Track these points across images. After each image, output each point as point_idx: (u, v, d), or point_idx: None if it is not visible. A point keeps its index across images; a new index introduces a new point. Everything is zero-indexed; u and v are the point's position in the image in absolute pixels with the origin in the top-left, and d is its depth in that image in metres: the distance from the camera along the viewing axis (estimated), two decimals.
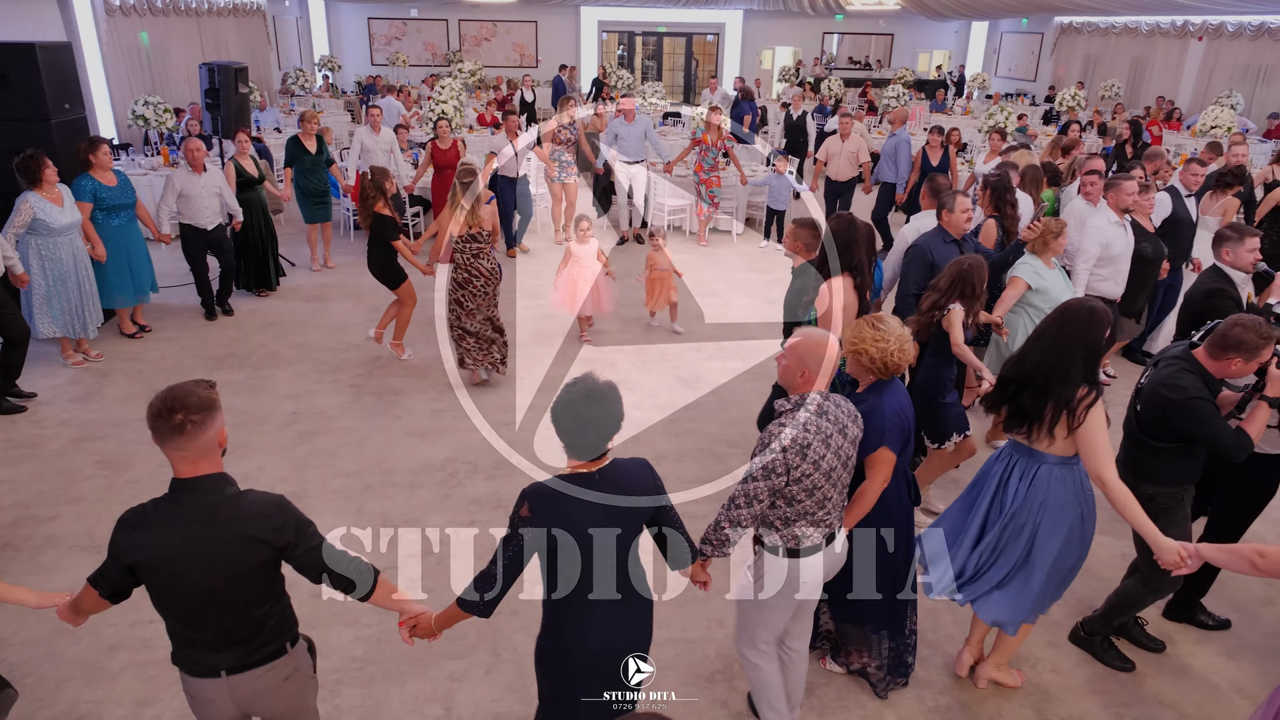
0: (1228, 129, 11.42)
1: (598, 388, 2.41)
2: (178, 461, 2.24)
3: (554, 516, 2.38)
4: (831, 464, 2.80)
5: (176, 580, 2.23)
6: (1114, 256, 5.67)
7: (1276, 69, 16.32)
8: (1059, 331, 3.14)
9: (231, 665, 2.35)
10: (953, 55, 25.90)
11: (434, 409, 6.06)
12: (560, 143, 9.62)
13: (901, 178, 9.74)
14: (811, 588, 2.97)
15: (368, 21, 23.16)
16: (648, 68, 25.62)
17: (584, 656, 2.52)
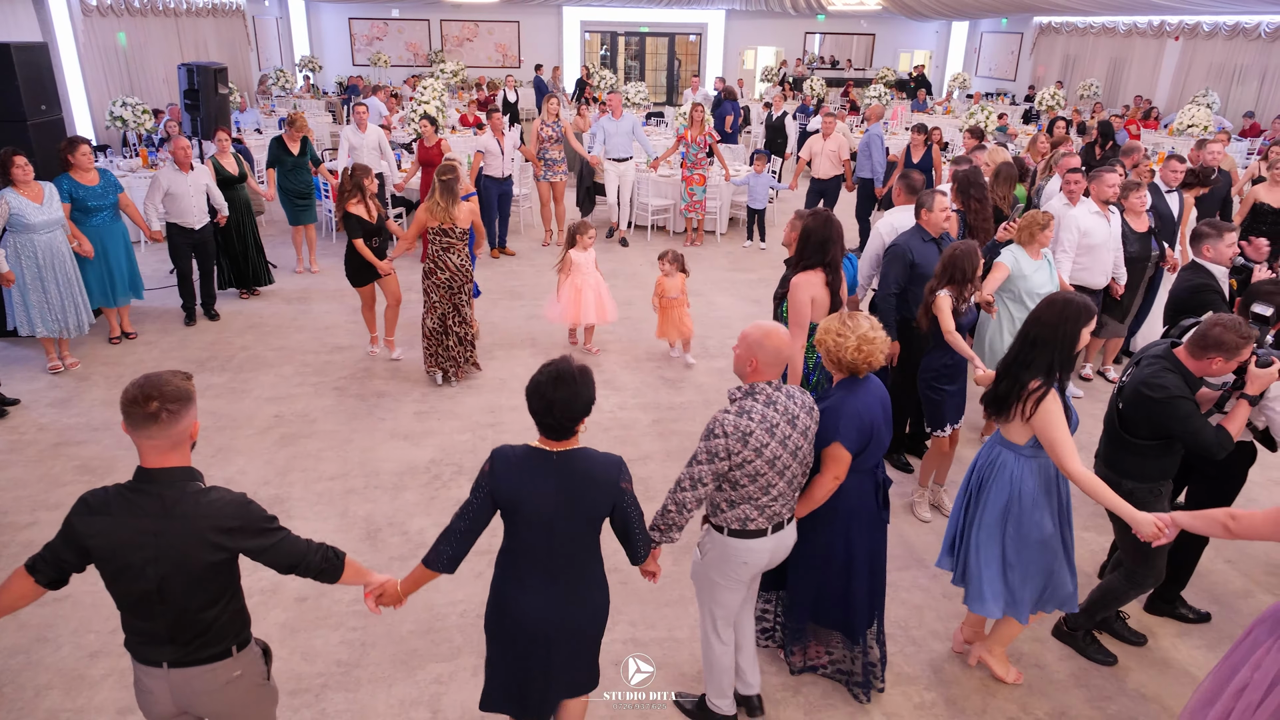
0: (1204, 127, 11.55)
1: (567, 371, 2.49)
2: (147, 450, 2.20)
3: (511, 481, 2.52)
4: (776, 452, 2.85)
5: (125, 572, 2.20)
6: (1093, 246, 5.75)
7: (1251, 68, 16.53)
8: (1033, 320, 3.24)
9: (173, 659, 2.31)
10: (933, 55, 26.07)
11: (418, 411, 6.03)
12: (545, 141, 9.60)
13: (877, 173, 9.84)
14: (753, 570, 3.08)
15: (349, 22, 23.05)
16: (631, 68, 25.63)
17: (507, 619, 2.65)
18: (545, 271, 9.29)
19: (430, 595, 4.12)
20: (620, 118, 9.87)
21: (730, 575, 3.06)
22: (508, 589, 2.64)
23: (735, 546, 2.99)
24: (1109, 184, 5.80)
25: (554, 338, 7.42)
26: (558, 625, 2.64)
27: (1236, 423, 3.26)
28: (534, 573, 2.60)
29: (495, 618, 2.69)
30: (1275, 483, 5.37)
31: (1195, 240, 4.76)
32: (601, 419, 5.97)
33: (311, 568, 2.42)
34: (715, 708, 3.37)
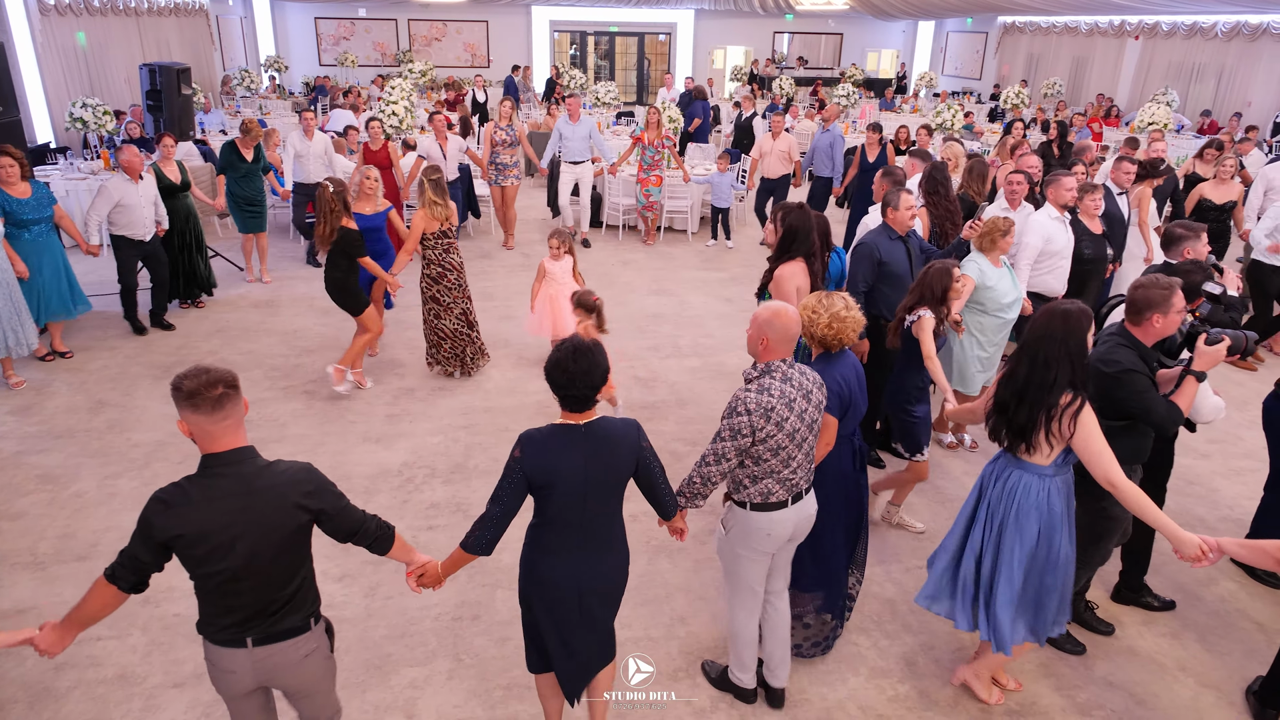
0: (1164, 125, 11.77)
1: (583, 344, 2.65)
2: (218, 434, 2.30)
3: (543, 460, 2.63)
4: (795, 426, 3.02)
5: (216, 553, 2.29)
6: (1055, 252, 5.68)
7: (1208, 67, 16.88)
8: (1038, 339, 3.08)
9: (258, 637, 2.43)
10: (900, 54, 26.32)
11: (389, 414, 5.98)
12: (498, 144, 9.50)
13: (837, 172, 10.01)
14: (777, 541, 3.21)
15: (315, 21, 22.80)
16: (600, 67, 25.61)
17: (550, 591, 2.77)
18: (518, 272, 9.26)
19: (405, 599, 4.09)
20: (578, 121, 9.83)
21: (754, 548, 3.21)
22: (544, 560, 2.76)
23: (758, 520, 3.15)
24: (1068, 188, 5.65)
25: (526, 338, 7.39)
26: (592, 587, 2.80)
27: (1185, 398, 3.33)
28: (568, 541, 2.74)
29: (534, 589, 2.80)
30: (1236, 472, 5.49)
31: (1175, 242, 4.63)
32: None
33: (369, 534, 2.57)
34: (737, 680, 3.53)
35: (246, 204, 8.45)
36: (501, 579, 4.25)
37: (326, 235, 5.82)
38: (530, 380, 6.58)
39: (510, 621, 3.95)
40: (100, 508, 4.80)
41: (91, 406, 5.98)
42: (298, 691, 2.62)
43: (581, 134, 9.86)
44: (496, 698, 3.55)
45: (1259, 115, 15.21)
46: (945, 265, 4.21)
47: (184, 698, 3.50)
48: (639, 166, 10.00)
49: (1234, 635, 4.04)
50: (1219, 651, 3.94)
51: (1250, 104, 15.70)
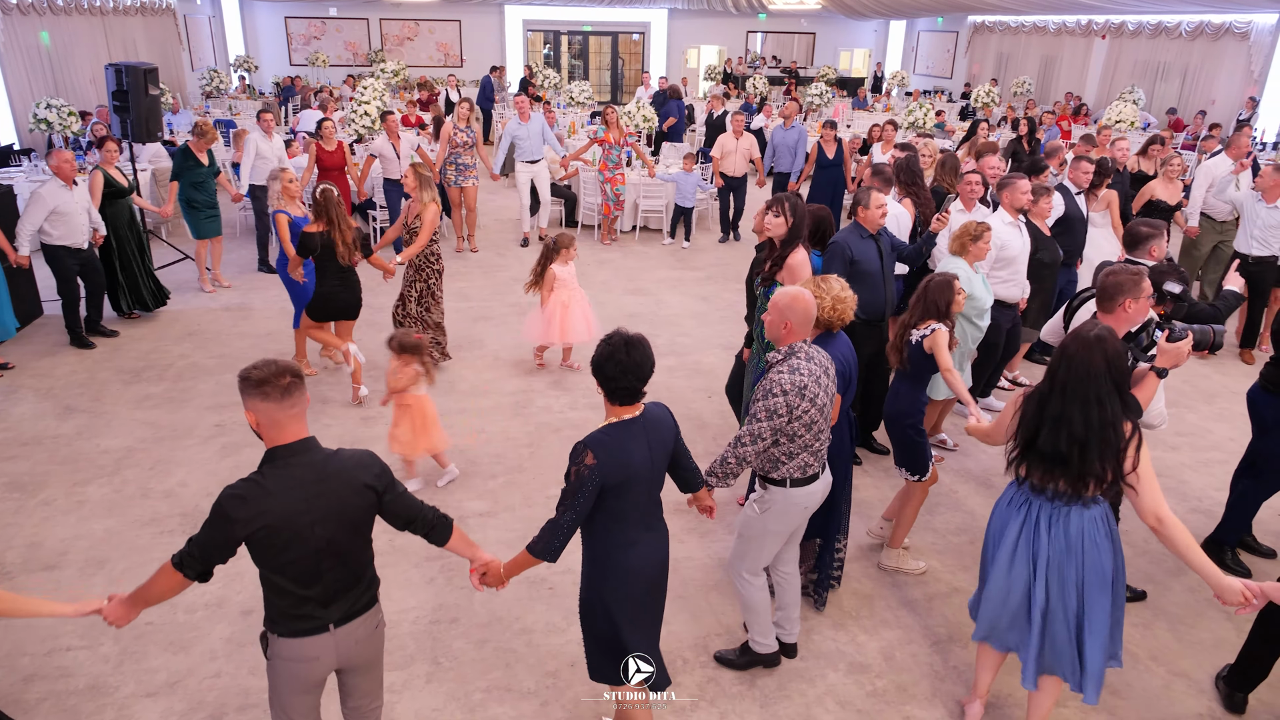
0: (1130, 123, 11.94)
1: (634, 336, 2.72)
2: (287, 422, 2.36)
3: (615, 461, 2.68)
4: (823, 401, 3.24)
5: (298, 538, 2.36)
6: (1011, 258, 5.56)
7: (1173, 66, 17.16)
8: (1082, 378, 2.78)
9: (339, 617, 2.51)
10: (872, 53, 26.51)
11: (364, 416, 5.93)
12: (457, 145, 9.40)
13: (797, 168, 10.14)
14: (809, 512, 3.43)
15: (285, 21, 22.56)
16: (574, 67, 25.56)
17: (638, 581, 2.85)
18: (494, 273, 9.23)
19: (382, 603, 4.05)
20: (528, 120, 9.78)
21: (788, 523, 3.40)
22: (629, 552, 2.82)
23: (797, 494, 3.33)
24: (1023, 191, 5.54)
25: (504, 339, 7.36)
26: (663, 565, 2.95)
27: (1145, 393, 3.37)
28: (640, 529, 2.85)
29: (619, 586, 2.83)
30: (1205, 464, 5.59)
31: (1141, 241, 4.64)
32: (552, 419, 5.95)
33: (426, 522, 2.65)
34: (760, 647, 3.68)
35: (205, 209, 8.16)
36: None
37: (351, 241, 5.72)
38: (505, 381, 6.55)
39: (489, 624, 3.94)
40: (69, 515, 4.72)
41: (59, 413, 5.88)
42: (367, 665, 2.70)
43: (534, 132, 9.80)
44: (476, 700, 3.53)
45: (1222, 113, 15.49)
46: (946, 278, 4.09)
47: (157, 707, 3.45)
48: (602, 166, 9.98)
49: (1203, 624, 4.11)
50: (1189, 641, 4.01)
51: (1214, 102, 15.98)
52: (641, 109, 11.40)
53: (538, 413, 6.06)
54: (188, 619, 3.92)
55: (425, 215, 6.11)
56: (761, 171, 10.31)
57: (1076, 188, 6.62)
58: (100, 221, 7.03)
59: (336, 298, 5.84)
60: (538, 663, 3.73)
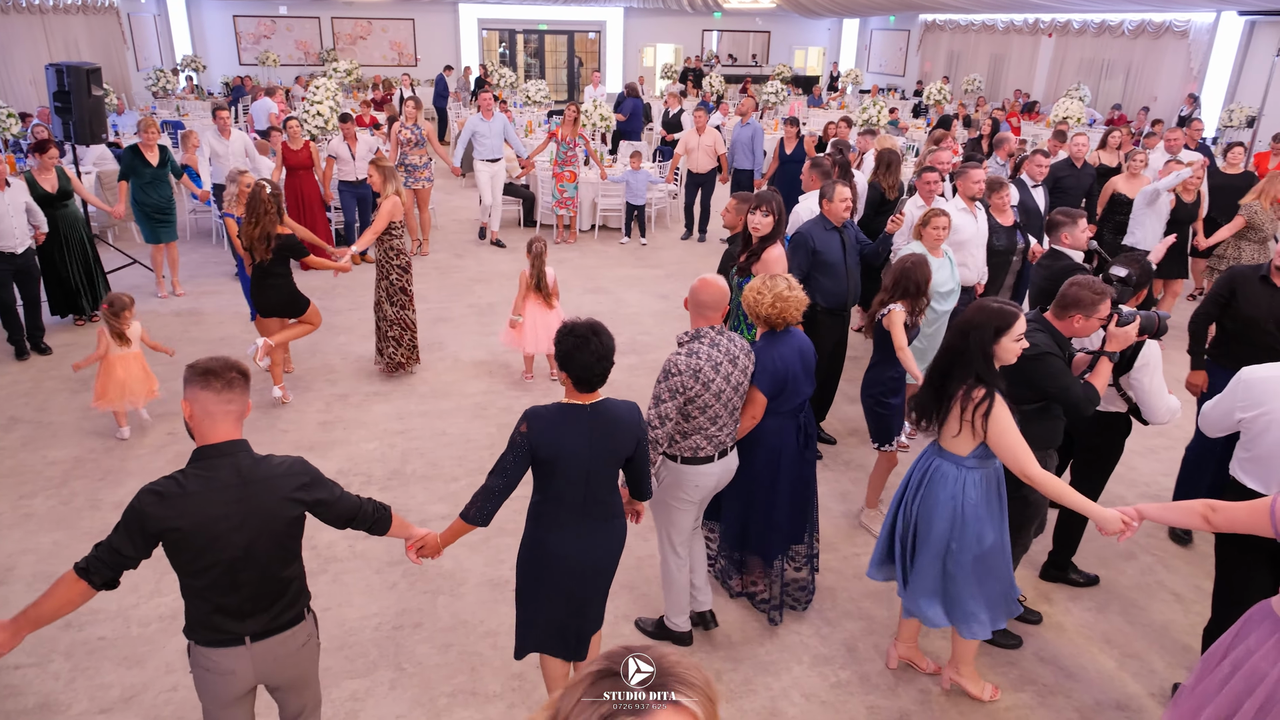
0: (1077, 119, 12.22)
1: (596, 324, 2.79)
2: (221, 419, 2.33)
3: (547, 437, 2.74)
4: (721, 388, 3.30)
5: (214, 544, 2.29)
6: (963, 242, 5.65)
7: (1117, 63, 17.60)
8: (955, 329, 3.16)
9: (256, 631, 2.43)
10: (826, 52, 26.79)
11: (322, 420, 5.85)
12: (405, 145, 9.24)
13: (758, 164, 10.21)
14: (704, 491, 3.51)
15: (233, 19, 22.10)
16: (530, 65, 25.45)
17: (561, 563, 2.89)
18: (452, 274, 9.15)
19: (342, 610, 4.01)
20: (491, 117, 9.70)
21: (683, 498, 3.49)
22: (549, 536, 2.88)
23: (688, 472, 3.43)
24: (975, 180, 5.72)
25: (464, 341, 7.31)
26: (594, 561, 2.95)
27: (1100, 378, 3.46)
28: (571, 517, 2.87)
29: (538, 565, 2.92)
30: (1152, 450, 5.74)
31: (1052, 229, 4.88)
32: (513, 420, 5.85)
33: (367, 518, 2.64)
34: (674, 625, 3.78)
35: (155, 211, 7.86)
36: (443, 585, 4.20)
37: (258, 238, 5.57)
38: (466, 383, 6.50)
39: (453, 628, 3.91)
40: (14, 530, 4.58)
41: (3, 424, 5.70)
42: (292, 683, 2.62)
43: (495, 130, 9.72)
44: (441, 705, 3.50)
45: (1164, 109, 15.91)
46: (921, 257, 4.22)
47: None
48: (554, 162, 9.95)
49: (1154, 607, 4.23)
50: (1140, 623, 4.11)
51: (1156, 98, 16.41)
52: (599, 108, 11.39)
53: (499, 414, 6.02)
54: (141, 632, 3.83)
55: (383, 207, 6.01)
56: (726, 168, 10.34)
57: (1033, 180, 6.74)
58: (43, 220, 6.74)
59: (261, 296, 5.80)
60: (503, 665, 3.71)
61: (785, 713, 3.52)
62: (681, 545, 3.61)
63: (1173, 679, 3.73)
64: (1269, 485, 3.15)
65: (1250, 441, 3.20)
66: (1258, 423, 3.12)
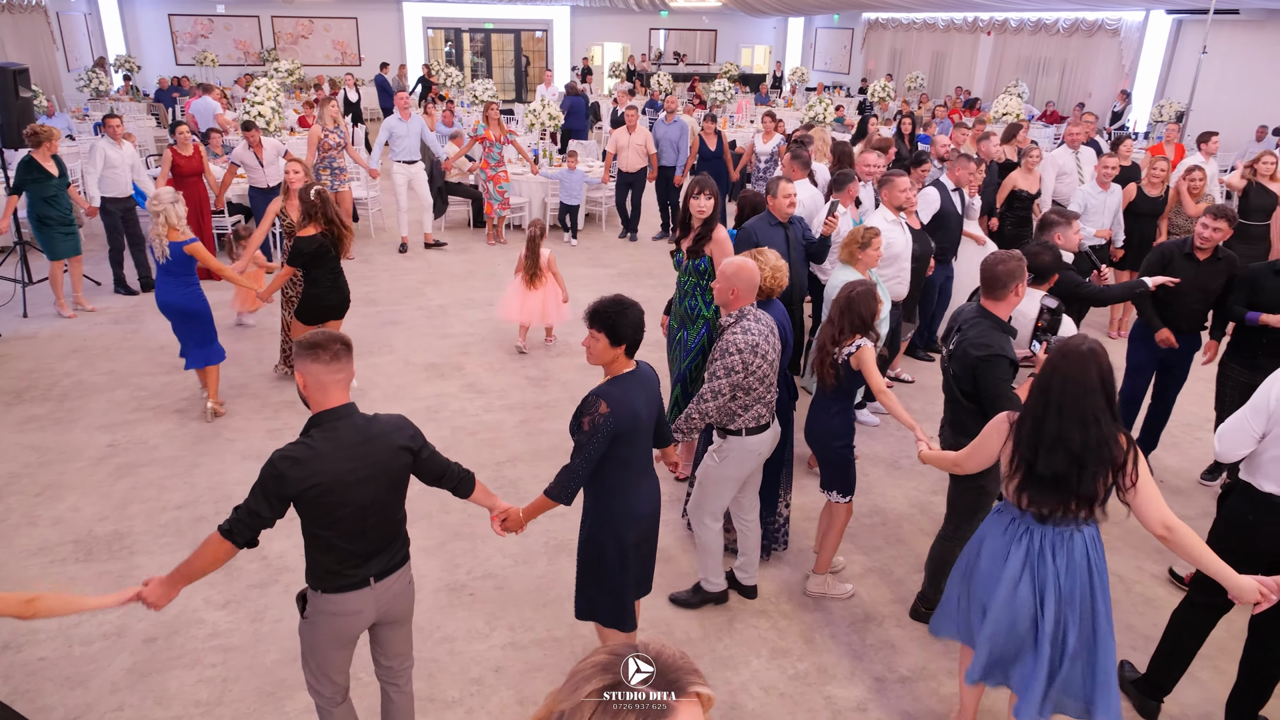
0: (1017, 115, 12.51)
1: (625, 298, 2.97)
2: (332, 387, 2.55)
3: (625, 410, 2.95)
4: (772, 356, 3.63)
5: (347, 495, 2.53)
6: (895, 256, 5.53)
7: (1053, 60, 18.07)
8: (1067, 388, 2.70)
9: (378, 571, 2.68)
10: (773, 50, 27.04)
11: (270, 428, 5.73)
12: (329, 149, 8.94)
13: (681, 160, 10.26)
14: (763, 458, 3.81)
15: (168, 18, 21.50)
16: (477, 65, 25.23)
17: (642, 521, 3.15)
18: (401, 277, 9.03)
19: (294, 622, 3.92)
20: (409, 118, 9.53)
21: (744, 468, 3.76)
22: (633, 495, 3.11)
23: (752, 442, 3.70)
24: (901, 188, 5.53)
25: (414, 344, 7.22)
26: (658, 512, 3.26)
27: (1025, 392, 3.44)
28: (641, 474, 3.14)
29: (629, 526, 3.11)
30: None
31: (1046, 229, 4.80)
32: (467, 423, 5.87)
33: (454, 477, 2.89)
34: (711, 585, 4.06)
35: (60, 224, 7.34)
36: None
37: (346, 235, 5.68)
38: (418, 386, 6.43)
39: None
40: None
41: None
42: (400, 618, 2.87)
43: (413, 131, 9.55)
44: None
45: (1098, 105, 16.39)
46: (868, 289, 3.84)
47: None
48: (484, 164, 9.84)
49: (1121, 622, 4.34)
50: None
51: (1091, 94, 16.89)
52: (547, 107, 11.34)
53: (452, 416, 5.96)
54: (84, 651, 3.71)
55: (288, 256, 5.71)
56: (655, 168, 10.35)
57: (954, 185, 6.60)
58: None
59: (326, 298, 5.72)
60: (460, 670, 3.68)
61: (745, 706, 3.55)
62: (720, 514, 3.89)
63: (1119, 657, 3.83)
64: None
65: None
66: None
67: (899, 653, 3.87)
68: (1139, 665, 3.72)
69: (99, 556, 4.37)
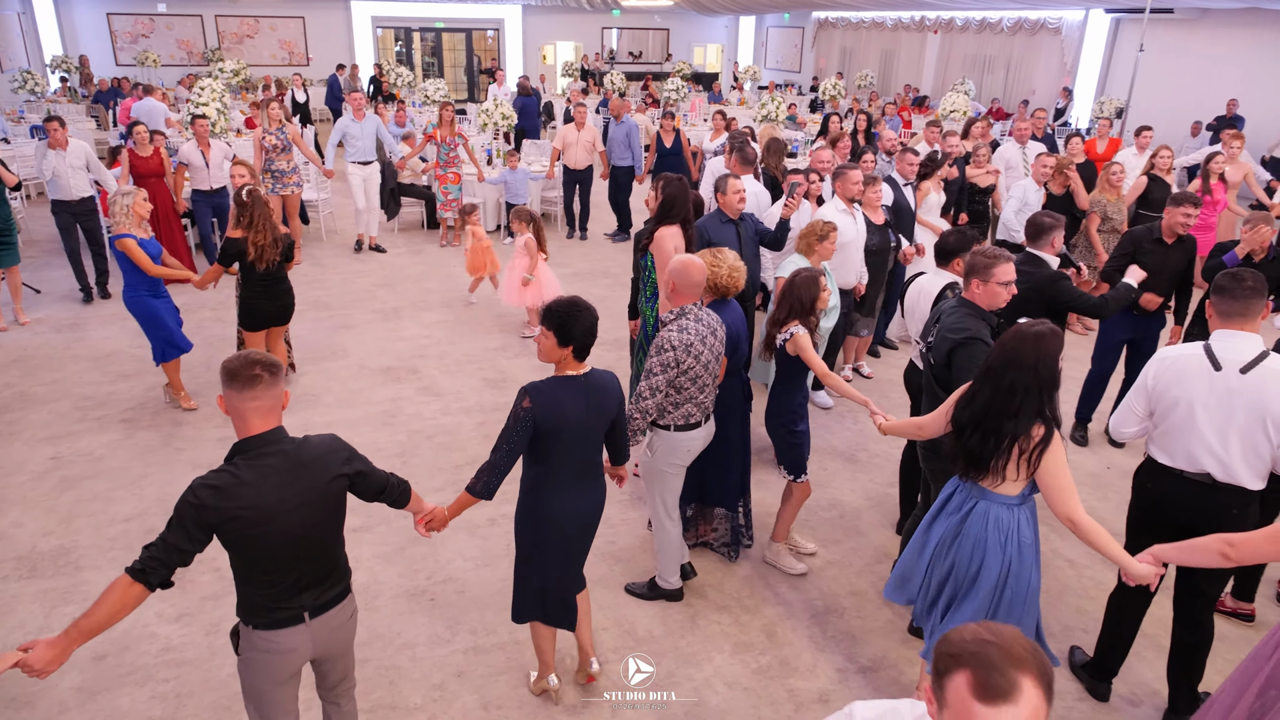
0: (964, 113, 12.75)
1: (579, 300, 3.00)
2: (252, 415, 2.39)
3: (552, 407, 2.94)
4: (708, 358, 3.61)
5: (273, 527, 2.38)
6: (842, 245, 5.51)
7: (998, 58, 18.45)
8: (1005, 364, 2.83)
9: (314, 606, 2.54)
10: (725, 49, 27.20)
11: (221, 436, 5.60)
12: (270, 151, 8.76)
13: (638, 160, 10.28)
14: (693, 455, 3.80)
15: (107, 18, 20.92)
16: (429, 65, 24.97)
17: (561, 525, 3.14)
18: (353, 280, 8.90)
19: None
20: (363, 119, 9.40)
21: (676, 463, 3.78)
22: (554, 500, 3.09)
23: (680, 439, 3.72)
24: (853, 181, 5.65)
25: (368, 348, 7.12)
26: (590, 515, 3.24)
27: None
28: (570, 478, 3.11)
29: (543, 529, 3.13)
30: None
31: (1042, 233, 4.77)
32: (424, 426, 5.81)
33: (393, 490, 2.79)
34: (666, 584, 4.11)
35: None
36: (357, 599, 4.07)
37: (269, 243, 5.52)
38: (373, 390, 6.34)
39: (368, 642, 3.81)
40: None
41: None
42: (341, 653, 2.76)
43: (367, 131, 9.43)
44: None
45: (1042, 102, 16.77)
46: (812, 275, 3.93)
47: None
48: (434, 164, 9.75)
49: (1049, 573, 4.45)
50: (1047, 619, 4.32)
51: (1034, 92, 17.28)
52: (499, 106, 11.26)
53: (409, 420, 5.90)
54: None
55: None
56: (605, 165, 10.33)
57: (904, 179, 6.69)
58: None
59: (260, 307, 5.70)
60: (422, 677, 3.65)
61: (709, 703, 3.57)
62: (674, 509, 3.90)
63: (1070, 642, 3.94)
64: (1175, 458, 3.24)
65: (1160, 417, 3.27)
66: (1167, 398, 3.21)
67: (859, 643, 3.93)
68: (1088, 649, 3.81)
69: (44, 573, 4.24)
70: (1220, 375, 3.13)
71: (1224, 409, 3.12)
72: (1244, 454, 3.13)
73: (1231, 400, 3.10)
